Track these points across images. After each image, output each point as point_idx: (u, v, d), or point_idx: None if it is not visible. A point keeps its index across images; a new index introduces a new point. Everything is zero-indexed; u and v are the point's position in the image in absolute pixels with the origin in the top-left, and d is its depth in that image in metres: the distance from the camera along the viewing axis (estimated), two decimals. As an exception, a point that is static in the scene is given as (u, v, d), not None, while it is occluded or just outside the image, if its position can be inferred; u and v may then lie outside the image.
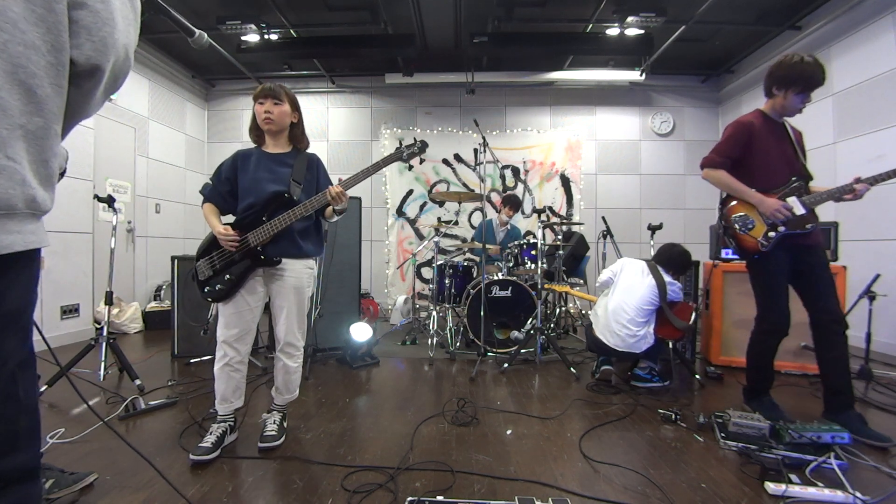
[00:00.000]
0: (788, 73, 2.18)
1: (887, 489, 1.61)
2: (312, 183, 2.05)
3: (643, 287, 2.84)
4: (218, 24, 4.53)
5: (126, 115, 5.07)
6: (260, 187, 1.95)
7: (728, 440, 2.01)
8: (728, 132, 2.35)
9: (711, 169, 2.37)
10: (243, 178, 1.99)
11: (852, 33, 4.13)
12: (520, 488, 1.65)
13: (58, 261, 3.95)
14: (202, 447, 1.85)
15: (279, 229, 1.90)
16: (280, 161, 2.01)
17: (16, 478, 0.76)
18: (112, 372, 2.94)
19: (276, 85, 1.98)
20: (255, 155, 2.03)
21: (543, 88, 6.23)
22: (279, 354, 2.05)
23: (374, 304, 5.48)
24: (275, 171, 1.98)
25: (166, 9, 1.30)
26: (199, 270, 1.99)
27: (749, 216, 2.28)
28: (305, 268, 2.03)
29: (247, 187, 1.97)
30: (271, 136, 2.03)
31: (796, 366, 3.14)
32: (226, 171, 2.03)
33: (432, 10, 4.48)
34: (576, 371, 3.16)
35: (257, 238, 1.91)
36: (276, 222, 1.89)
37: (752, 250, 2.29)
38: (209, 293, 1.96)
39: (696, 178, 6.25)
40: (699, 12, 4.30)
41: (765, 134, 2.28)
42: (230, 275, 1.93)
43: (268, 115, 1.95)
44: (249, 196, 1.95)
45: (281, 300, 1.99)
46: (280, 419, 2.08)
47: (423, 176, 6.30)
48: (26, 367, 0.80)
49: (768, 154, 2.28)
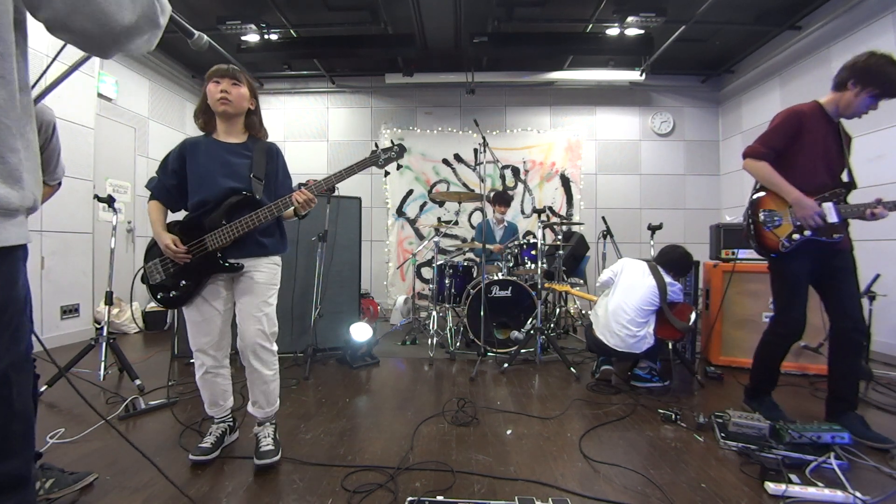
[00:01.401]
0: (876, 71, 1.99)
1: (887, 489, 1.61)
2: (272, 177, 1.85)
3: (643, 287, 2.84)
4: (218, 25, 4.53)
5: (126, 115, 5.07)
6: (213, 182, 1.74)
7: (728, 440, 2.01)
8: (778, 120, 2.19)
9: (754, 159, 2.21)
10: (193, 169, 1.77)
11: (852, 33, 4.13)
12: (520, 488, 1.65)
13: (58, 261, 3.95)
14: (202, 447, 1.82)
15: (241, 233, 1.71)
16: (235, 152, 1.80)
17: (6, 484, 0.74)
18: (112, 372, 2.94)
19: (235, 67, 1.79)
20: (204, 144, 1.80)
21: (543, 88, 6.23)
22: (251, 361, 1.81)
23: (374, 304, 5.47)
24: (230, 164, 1.77)
25: (166, 9, 1.30)
26: (149, 273, 1.80)
27: (777, 213, 2.17)
28: (272, 264, 1.86)
29: (198, 181, 1.76)
30: (225, 121, 1.81)
31: (796, 366, 3.14)
32: (172, 163, 1.80)
33: (432, 10, 4.48)
34: (576, 371, 3.16)
35: (216, 241, 1.71)
36: (237, 225, 1.70)
37: (771, 248, 2.19)
38: (163, 300, 1.79)
39: (696, 177, 6.26)
40: (699, 12, 4.30)
41: (817, 129, 2.12)
42: (186, 280, 1.76)
43: (224, 95, 1.73)
44: (201, 191, 1.75)
45: (247, 299, 1.80)
46: (273, 431, 1.90)
47: (423, 176, 6.30)
48: (20, 369, 0.77)
49: (815, 151, 2.13)
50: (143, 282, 1.84)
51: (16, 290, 0.77)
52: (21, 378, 0.78)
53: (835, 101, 2.13)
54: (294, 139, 6.37)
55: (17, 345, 0.77)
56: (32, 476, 0.81)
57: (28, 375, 0.80)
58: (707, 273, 3.50)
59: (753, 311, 3.22)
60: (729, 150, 6.08)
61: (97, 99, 4.50)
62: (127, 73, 5.07)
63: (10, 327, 0.75)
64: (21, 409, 0.77)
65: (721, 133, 6.24)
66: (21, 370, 0.78)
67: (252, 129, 1.88)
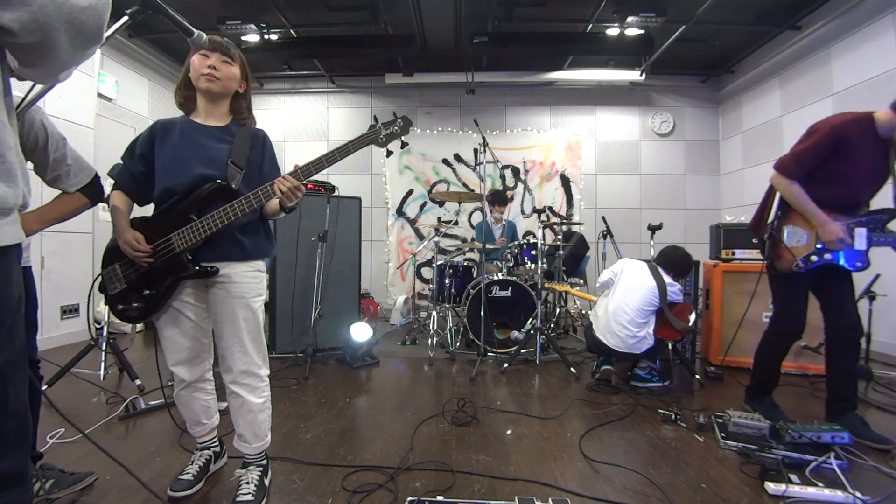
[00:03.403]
0: None
1: (887, 489, 1.61)
2: (255, 166, 1.57)
3: (644, 288, 2.84)
4: (218, 24, 4.53)
5: (126, 115, 5.07)
6: (182, 167, 1.47)
7: (728, 440, 2.01)
8: (817, 137, 2.02)
9: (783, 177, 2.10)
10: (161, 154, 1.50)
11: (852, 33, 4.13)
12: (520, 488, 1.65)
13: (58, 261, 3.95)
14: (182, 480, 1.58)
15: (214, 230, 1.43)
16: (213, 136, 1.52)
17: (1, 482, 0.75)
18: (112, 372, 2.94)
19: (230, 42, 1.53)
20: (179, 125, 1.53)
21: (543, 88, 6.23)
22: (233, 388, 1.53)
23: (374, 304, 5.47)
24: (206, 148, 1.50)
25: (165, 9, 1.30)
26: (108, 281, 1.52)
27: (803, 233, 2.09)
28: (254, 271, 1.56)
29: (164, 167, 1.49)
30: (208, 101, 1.54)
31: (796, 366, 3.14)
32: (141, 146, 1.53)
33: (432, 10, 4.48)
34: (576, 371, 3.16)
35: (184, 240, 1.44)
36: (209, 220, 1.42)
37: (784, 264, 2.13)
38: (123, 312, 1.51)
39: (696, 178, 6.26)
40: (699, 12, 4.30)
41: (863, 147, 1.96)
42: (151, 289, 1.48)
43: (211, 72, 1.46)
44: (168, 178, 1.48)
45: (225, 318, 1.51)
46: (259, 476, 1.57)
47: (423, 176, 6.30)
48: (16, 367, 0.77)
49: (856, 169, 1.99)
50: (101, 291, 1.56)
51: (9, 289, 0.77)
52: (17, 376, 0.77)
53: (891, 122, 1.95)
54: (294, 139, 6.37)
55: (11, 342, 0.77)
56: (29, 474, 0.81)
57: (24, 373, 0.80)
58: (707, 273, 3.50)
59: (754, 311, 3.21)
60: (729, 150, 6.08)
61: (97, 99, 4.50)
62: (127, 73, 5.06)
63: (5, 325, 0.76)
64: (16, 407, 0.77)
65: (721, 133, 6.24)
66: (17, 368, 0.78)
67: (238, 113, 1.60)
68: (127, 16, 1.23)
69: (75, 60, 0.77)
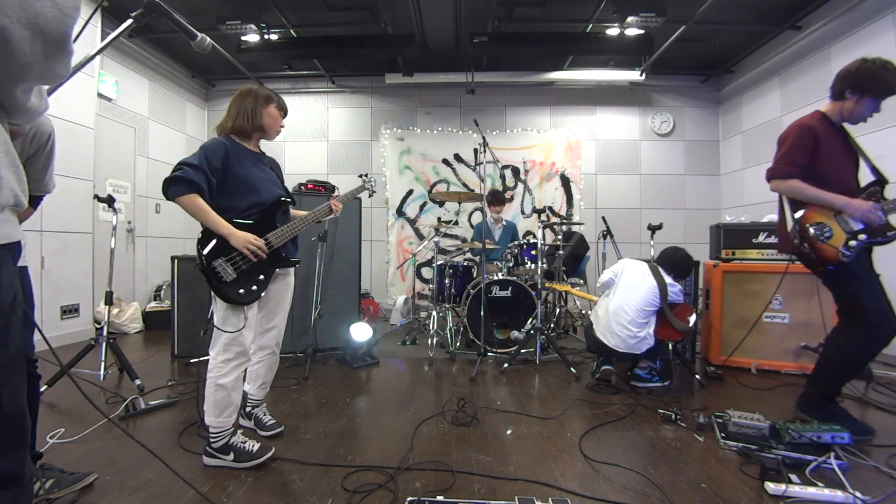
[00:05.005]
0: (871, 78, 2.01)
1: (887, 489, 1.61)
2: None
3: (644, 288, 2.84)
4: (218, 24, 4.53)
5: (126, 115, 5.07)
6: (264, 187, 1.92)
7: (728, 440, 2.01)
8: (792, 137, 2.16)
9: (781, 180, 2.18)
10: (241, 172, 1.86)
11: (852, 33, 4.13)
12: (520, 488, 1.65)
13: (58, 261, 3.95)
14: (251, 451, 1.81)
15: (296, 233, 1.97)
16: (263, 162, 2.02)
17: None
18: (112, 372, 2.94)
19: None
20: (241, 150, 1.92)
21: (543, 88, 6.23)
22: (274, 351, 2.09)
23: (374, 304, 5.47)
24: (266, 172, 1.98)
25: (169, 12, 1.30)
26: (222, 271, 1.77)
27: (826, 224, 2.09)
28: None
29: (249, 184, 1.87)
30: (259, 139, 2.03)
31: (796, 366, 3.14)
32: (216, 161, 1.78)
33: (432, 10, 4.48)
34: (576, 371, 3.15)
35: (278, 239, 1.90)
36: (292, 226, 1.95)
37: (831, 260, 2.08)
38: (244, 296, 1.80)
39: (696, 178, 6.26)
40: (699, 12, 4.30)
41: (830, 137, 2.14)
42: (263, 275, 1.87)
43: (280, 128, 2.05)
44: (254, 194, 1.88)
45: (282, 301, 2.04)
46: (266, 409, 2.20)
47: (423, 176, 6.30)
48: (11, 370, 0.76)
49: (835, 158, 2.13)
50: (212, 282, 1.76)
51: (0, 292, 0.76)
52: (13, 379, 0.77)
53: (837, 110, 2.16)
54: (294, 139, 6.35)
55: (5, 346, 0.76)
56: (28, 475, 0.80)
57: (20, 376, 0.79)
58: (707, 273, 3.50)
59: (753, 311, 3.21)
60: (729, 150, 6.09)
61: (97, 99, 4.50)
62: (127, 73, 5.06)
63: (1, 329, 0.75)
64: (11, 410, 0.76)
65: (721, 133, 6.24)
66: (12, 371, 0.77)
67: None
68: (132, 19, 1.23)
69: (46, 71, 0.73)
